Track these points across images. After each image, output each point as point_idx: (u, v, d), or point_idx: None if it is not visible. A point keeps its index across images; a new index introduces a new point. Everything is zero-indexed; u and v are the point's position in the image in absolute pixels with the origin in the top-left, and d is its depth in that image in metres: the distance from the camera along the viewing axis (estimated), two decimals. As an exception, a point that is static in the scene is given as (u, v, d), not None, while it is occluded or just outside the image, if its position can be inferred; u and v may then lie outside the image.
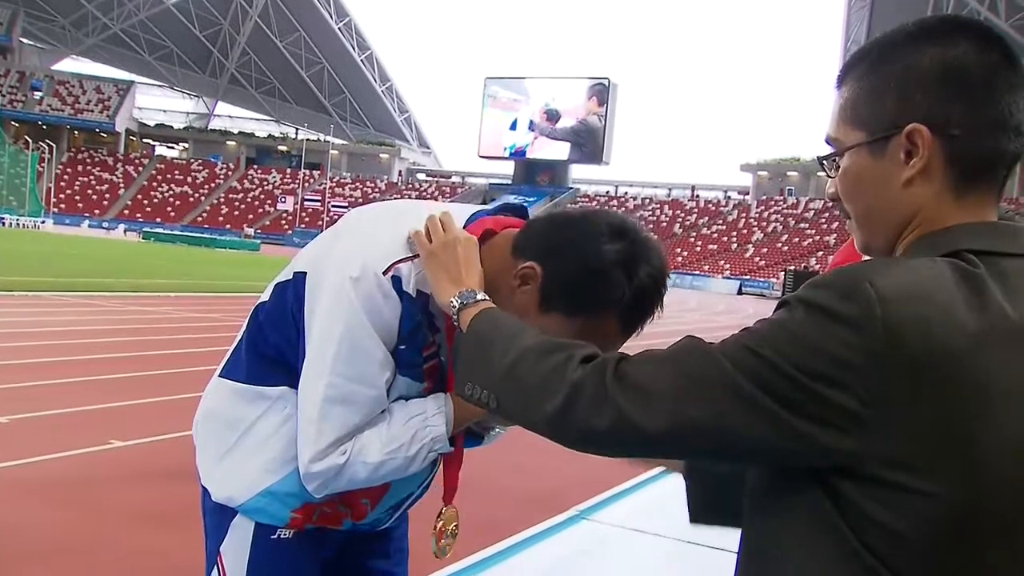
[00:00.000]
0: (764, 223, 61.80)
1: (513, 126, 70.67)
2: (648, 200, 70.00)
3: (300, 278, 1.34)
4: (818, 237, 56.48)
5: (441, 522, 1.46)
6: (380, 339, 1.27)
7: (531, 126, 70.34)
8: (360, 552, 1.53)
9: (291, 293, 1.35)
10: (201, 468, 1.46)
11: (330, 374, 1.27)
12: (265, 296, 1.41)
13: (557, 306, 1.26)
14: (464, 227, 1.33)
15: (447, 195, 72.48)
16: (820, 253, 52.28)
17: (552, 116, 69.12)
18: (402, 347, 1.30)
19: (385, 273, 1.27)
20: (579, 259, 1.25)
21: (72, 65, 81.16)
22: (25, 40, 77.97)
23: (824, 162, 0.95)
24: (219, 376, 1.46)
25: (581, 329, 1.25)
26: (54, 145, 63.81)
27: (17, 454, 4.59)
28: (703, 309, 29.01)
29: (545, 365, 0.91)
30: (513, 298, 1.28)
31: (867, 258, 0.90)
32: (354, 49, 78.37)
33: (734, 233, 61.28)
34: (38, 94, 74.24)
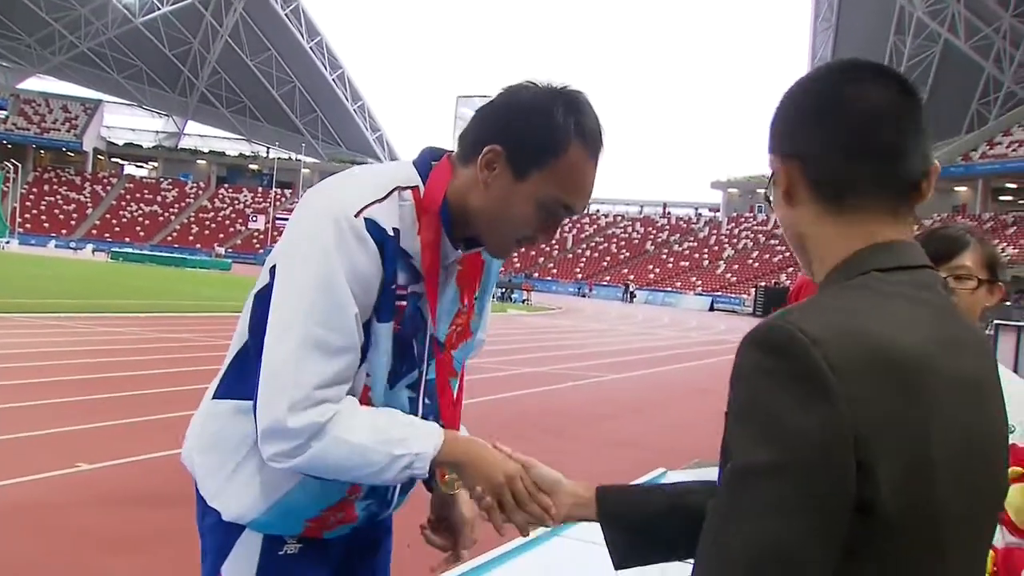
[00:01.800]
0: (735, 240, 62.41)
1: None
2: (620, 217, 70.43)
3: (274, 272, 1.34)
4: (788, 254, 57.04)
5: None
6: (354, 290, 1.27)
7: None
8: (356, 566, 1.54)
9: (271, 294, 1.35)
10: (207, 491, 1.41)
11: (304, 322, 1.25)
12: (246, 310, 1.40)
13: (529, 166, 1.30)
14: (424, 178, 1.36)
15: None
16: (790, 269, 52.85)
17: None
18: (392, 287, 1.31)
19: (357, 216, 1.28)
20: (524, 116, 1.30)
21: (38, 84, 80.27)
22: (-10, 59, 77.10)
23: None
24: (213, 399, 1.43)
25: (559, 176, 1.30)
26: (19, 164, 62.95)
27: (-17, 478, 4.52)
28: (676, 326, 29.18)
29: None
30: (489, 192, 1.32)
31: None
32: (325, 68, 78.29)
33: (705, 250, 61.81)
34: (3, 113, 73.25)
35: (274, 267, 1.33)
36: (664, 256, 61.97)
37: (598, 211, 71.98)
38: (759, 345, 0.82)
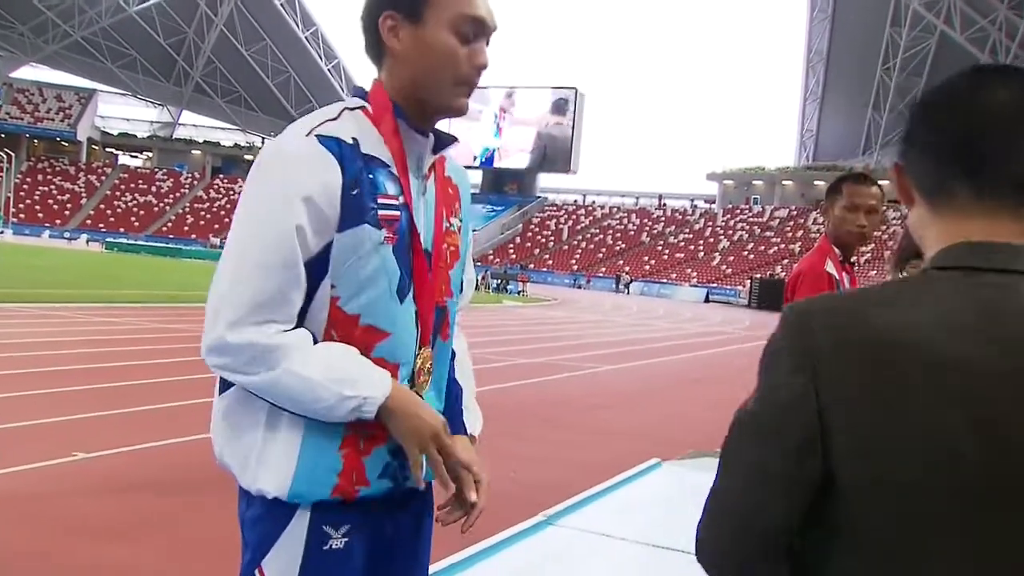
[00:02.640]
0: (730, 231, 62.45)
1: (484, 135, 70.83)
2: (616, 209, 70.43)
3: None
4: (783, 245, 57.19)
5: (419, 361, 1.46)
6: (310, 200, 1.29)
7: (498, 135, 70.52)
8: (400, 556, 1.52)
9: None
10: (246, 480, 1.40)
11: (240, 246, 1.31)
12: None
13: (417, 5, 1.37)
14: (364, 99, 1.43)
15: (415, 204, 72.25)
16: (785, 261, 52.94)
17: (520, 126, 69.35)
18: (355, 192, 1.33)
19: (308, 135, 1.34)
20: None
21: (32, 73, 79.84)
22: (-18, 47, 76.67)
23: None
24: (220, 395, 1.44)
25: (446, 1, 1.37)
26: (13, 154, 62.70)
27: (-21, 467, 4.53)
28: (671, 317, 29.23)
29: None
30: (407, 52, 1.39)
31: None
32: (321, 58, 78.06)
33: (701, 241, 61.84)
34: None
35: None
36: (660, 248, 62.00)
37: (594, 202, 71.98)
38: (780, 322, 0.91)
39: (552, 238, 66.04)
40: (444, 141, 1.48)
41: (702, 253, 59.82)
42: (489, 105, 70.08)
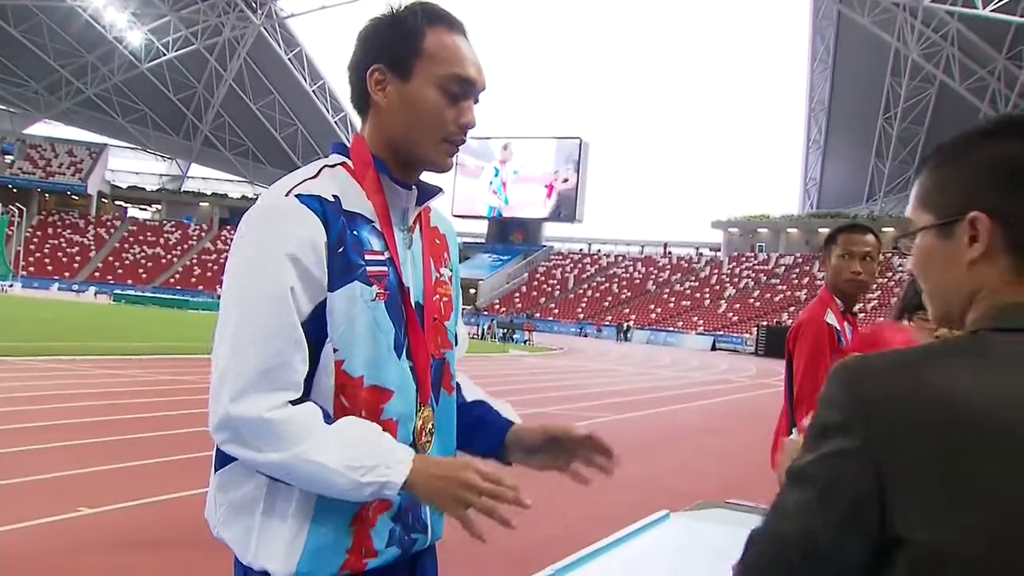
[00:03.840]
0: (736, 279, 62.49)
1: (489, 185, 71.44)
2: (621, 257, 70.62)
3: None
4: (789, 292, 57.14)
5: (420, 420, 1.42)
6: (299, 263, 1.27)
7: (504, 186, 71.10)
8: None
9: None
10: (247, 557, 1.36)
11: (237, 315, 1.28)
12: None
13: (407, 62, 1.37)
14: (345, 155, 1.43)
15: (421, 254, 72.53)
16: (792, 308, 52.82)
17: (524, 177, 69.97)
18: (340, 250, 1.31)
19: (288, 195, 1.32)
20: (382, 30, 1.39)
21: (44, 129, 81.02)
22: (-3, 104, 78.03)
23: (899, 241, 1.07)
24: (214, 473, 1.40)
25: (436, 55, 1.37)
26: (24, 208, 63.35)
27: (-16, 523, 4.50)
28: (677, 365, 29.09)
29: None
30: (393, 107, 1.38)
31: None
32: (328, 111, 79.16)
33: (706, 289, 61.84)
34: (9, 158, 73.92)
35: None
36: (665, 296, 62.00)
37: (599, 251, 72.21)
38: (832, 376, 0.92)
39: (558, 287, 66.12)
40: (428, 193, 1.47)
41: (708, 301, 59.78)
42: (491, 161, 70.85)
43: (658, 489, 7.12)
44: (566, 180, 69.03)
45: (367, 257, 1.34)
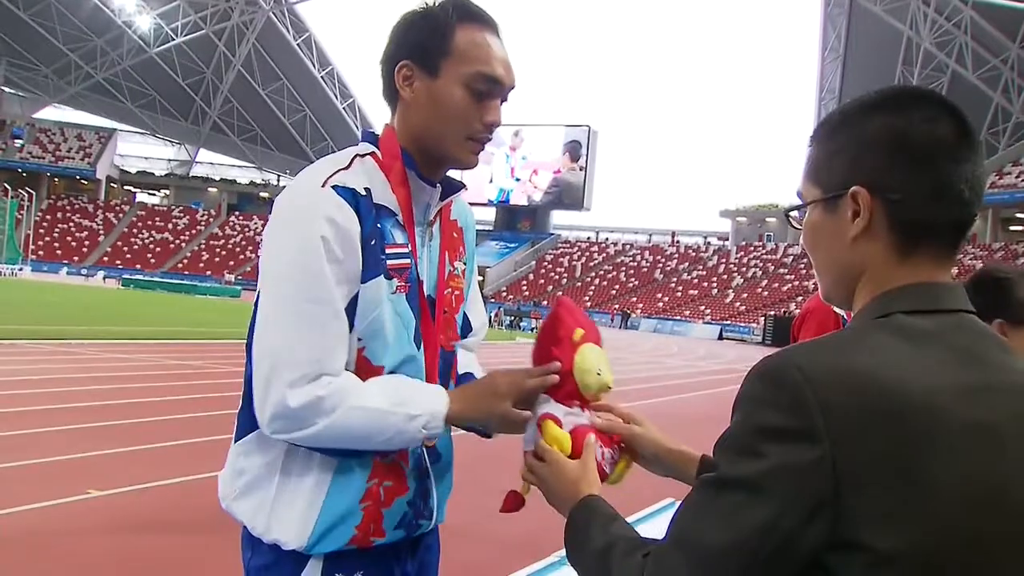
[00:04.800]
0: (744, 268, 62.35)
1: (497, 173, 71.36)
2: (629, 246, 70.50)
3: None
4: (797, 282, 56.98)
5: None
6: (335, 253, 1.29)
7: (512, 173, 70.99)
8: None
9: None
10: (258, 529, 1.38)
11: (287, 301, 1.29)
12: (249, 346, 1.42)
13: (436, 59, 1.37)
14: (375, 145, 1.43)
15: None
16: (799, 298, 52.69)
17: (533, 164, 69.90)
18: (372, 243, 1.34)
19: (323, 186, 1.33)
20: (414, 26, 1.39)
21: (54, 113, 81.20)
22: (7, 89, 77.96)
23: (790, 214, 1.04)
24: (236, 442, 1.43)
25: (465, 53, 1.37)
26: (34, 192, 63.54)
27: (-5, 505, 4.54)
28: (684, 354, 29.09)
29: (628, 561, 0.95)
30: (420, 102, 1.38)
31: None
32: (336, 97, 79.04)
33: (714, 278, 61.72)
34: (19, 142, 74.11)
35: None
36: (673, 285, 61.91)
37: (607, 239, 72.10)
38: (760, 376, 0.87)
39: (565, 275, 66.08)
40: (451, 188, 1.49)
41: (716, 290, 59.67)
42: (502, 147, 70.73)
43: (663, 478, 7.12)
44: (573, 168, 68.87)
45: (388, 251, 1.37)
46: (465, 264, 1.58)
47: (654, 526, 5.25)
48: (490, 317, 40.93)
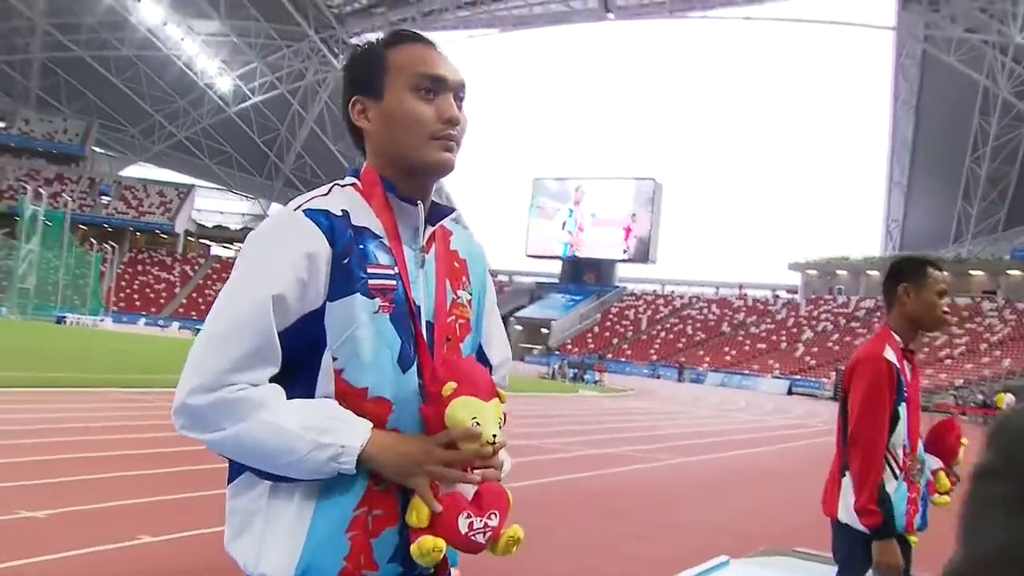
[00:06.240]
0: (814, 322, 60.90)
1: (563, 226, 71.71)
2: (696, 299, 69.67)
3: None
4: (870, 336, 55.31)
5: None
6: (292, 269, 1.31)
7: (578, 226, 71.22)
8: None
9: None
10: (248, 565, 1.37)
11: (216, 315, 1.34)
12: None
13: (377, 83, 1.43)
14: (356, 176, 1.51)
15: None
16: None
17: (600, 218, 70.09)
18: (345, 261, 1.35)
19: (297, 210, 1.38)
20: (354, 64, 1.49)
21: (138, 171, 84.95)
22: (97, 149, 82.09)
23: None
24: (227, 486, 1.43)
25: (402, 65, 1.42)
26: (117, 246, 66.20)
27: (52, 548, 4.61)
28: (752, 409, 28.39)
29: None
30: (377, 127, 1.44)
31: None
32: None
33: (783, 332, 60.41)
34: (106, 199, 77.58)
35: None
36: (740, 338, 60.78)
37: (673, 292, 71.41)
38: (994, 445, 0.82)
39: (631, 328, 65.54)
40: (440, 213, 1.50)
41: (785, 344, 58.34)
42: (567, 202, 71.20)
43: (721, 533, 6.89)
44: (640, 222, 68.73)
45: (370, 270, 1.37)
46: (472, 295, 1.57)
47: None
48: (553, 370, 40.75)
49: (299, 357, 1.35)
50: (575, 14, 65.56)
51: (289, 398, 1.33)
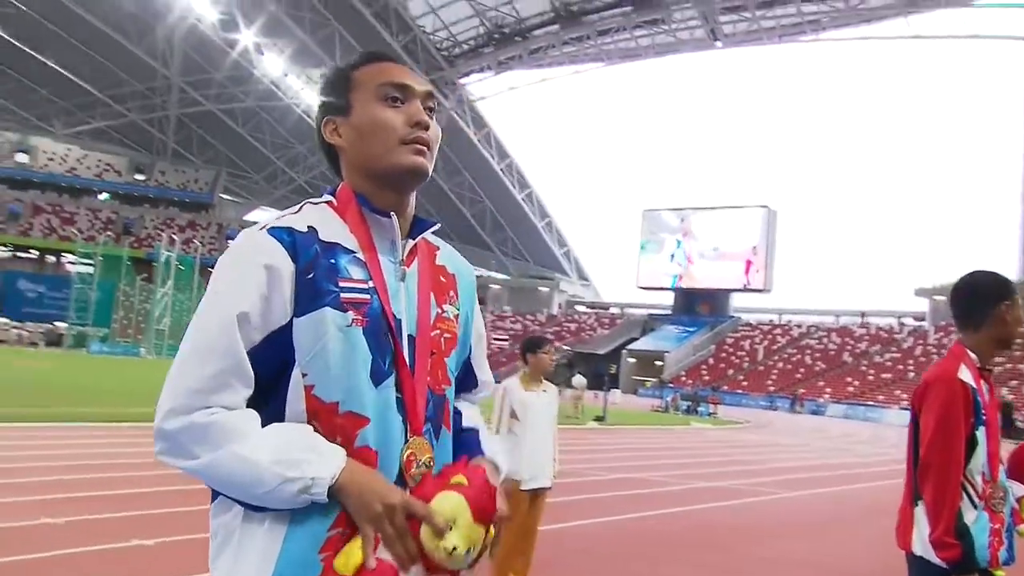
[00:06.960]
0: (943, 350, 57.42)
1: (672, 257, 70.96)
2: (814, 328, 67.33)
3: None
4: (1009, 365, 52.06)
5: (409, 450, 1.39)
6: (254, 287, 1.32)
7: (690, 257, 70.30)
8: None
9: None
10: None
11: (187, 340, 1.34)
12: None
13: (342, 100, 1.47)
14: (332, 194, 1.50)
15: (606, 326, 72.68)
16: (1014, 382, 48.08)
17: (712, 247, 69.01)
18: (309, 276, 1.34)
19: (261, 230, 1.38)
20: (327, 85, 1.51)
21: (262, 215, 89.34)
22: (224, 196, 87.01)
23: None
24: (210, 506, 1.40)
25: (367, 81, 1.47)
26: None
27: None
28: (875, 442, 27.19)
29: None
30: (350, 142, 1.47)
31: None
32: (514, 188, 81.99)
33: (910, 361, 57.55)
34: (231, 243, 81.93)
35: None
36: (864, 368, 58.25)
37: (790, 321, 69.28)
38: None
39: (747, 359, 63.88)
40: (421, 226, 1.51)
41: (912, 374, 55.53)
42: (675, 233, 70.43)
43: (828, 568, 6.75)
44: (757, 252, 67.25)
45: (342, 284, 1.36)
46: (459, 310, 1.56)
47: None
48: (666, 403, 40.10)
49: (270, 376, 1.34)
50: (682, 44, 65.13)
51: (262, 418, 1.32)
